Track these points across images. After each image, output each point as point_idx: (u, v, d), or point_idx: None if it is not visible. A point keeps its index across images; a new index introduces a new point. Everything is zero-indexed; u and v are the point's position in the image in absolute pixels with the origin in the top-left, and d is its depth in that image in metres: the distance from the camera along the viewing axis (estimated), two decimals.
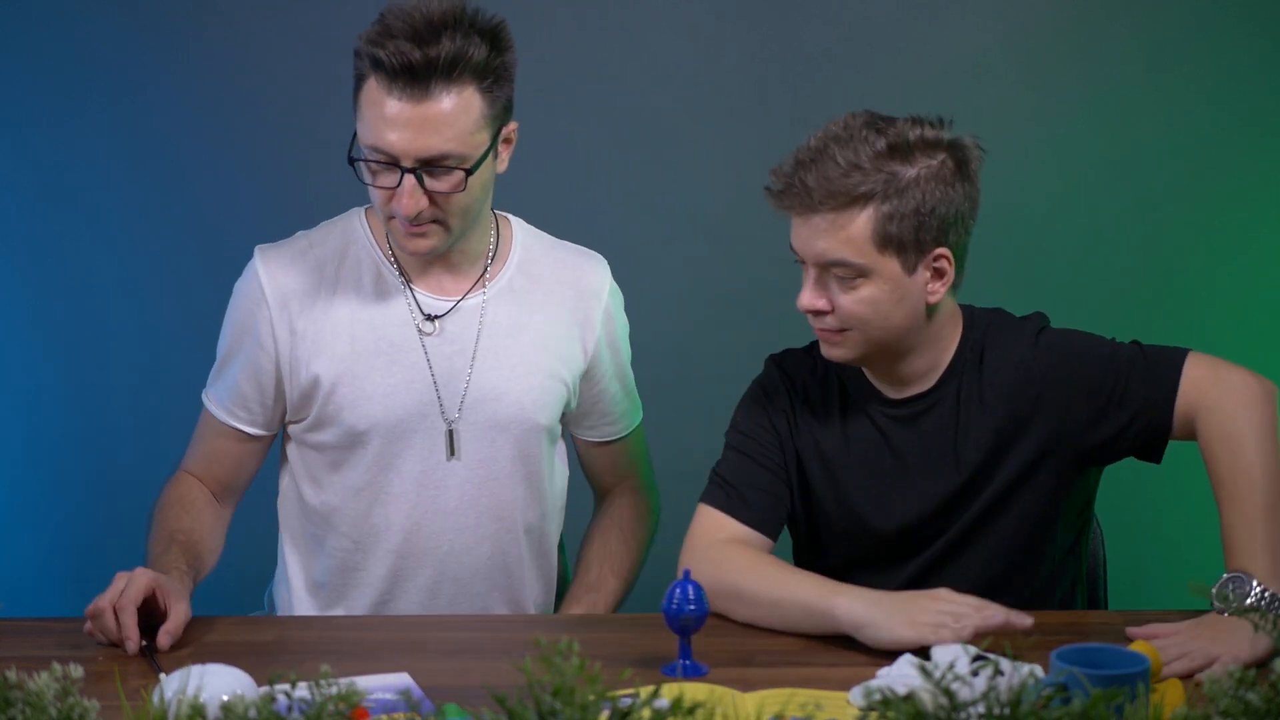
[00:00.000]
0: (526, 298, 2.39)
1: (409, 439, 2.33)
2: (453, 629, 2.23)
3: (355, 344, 2.32)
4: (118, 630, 2.05)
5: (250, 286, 2.36)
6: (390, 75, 2.15)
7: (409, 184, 2.19)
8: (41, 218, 3.39)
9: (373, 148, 2.20)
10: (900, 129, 2.12)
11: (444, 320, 2.34)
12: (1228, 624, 1.97)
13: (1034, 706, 1.42)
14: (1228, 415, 2.13)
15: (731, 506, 2.24)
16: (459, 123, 2.19)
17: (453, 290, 2.36)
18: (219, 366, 2.40)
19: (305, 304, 2.33)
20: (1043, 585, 2.29)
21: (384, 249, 2.36)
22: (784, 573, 2.16)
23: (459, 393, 2.34)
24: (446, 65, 2.15)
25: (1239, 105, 3.32)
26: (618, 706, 1.40)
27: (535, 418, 2.37)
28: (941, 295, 2.17)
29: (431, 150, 2.18)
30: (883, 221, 2.10)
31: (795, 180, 2.11)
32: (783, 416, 2.29)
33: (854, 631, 2.03)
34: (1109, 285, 3.37)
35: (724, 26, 3.35)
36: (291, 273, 2.34)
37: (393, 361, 2.32)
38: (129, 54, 3.34)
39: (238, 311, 2.38)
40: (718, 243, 3.39)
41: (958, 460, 2.23)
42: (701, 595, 1.96)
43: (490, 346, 2.35)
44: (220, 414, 2.38)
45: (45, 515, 3.47)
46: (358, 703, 1.47)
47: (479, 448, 2.35)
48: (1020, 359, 2.23)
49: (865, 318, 2.14)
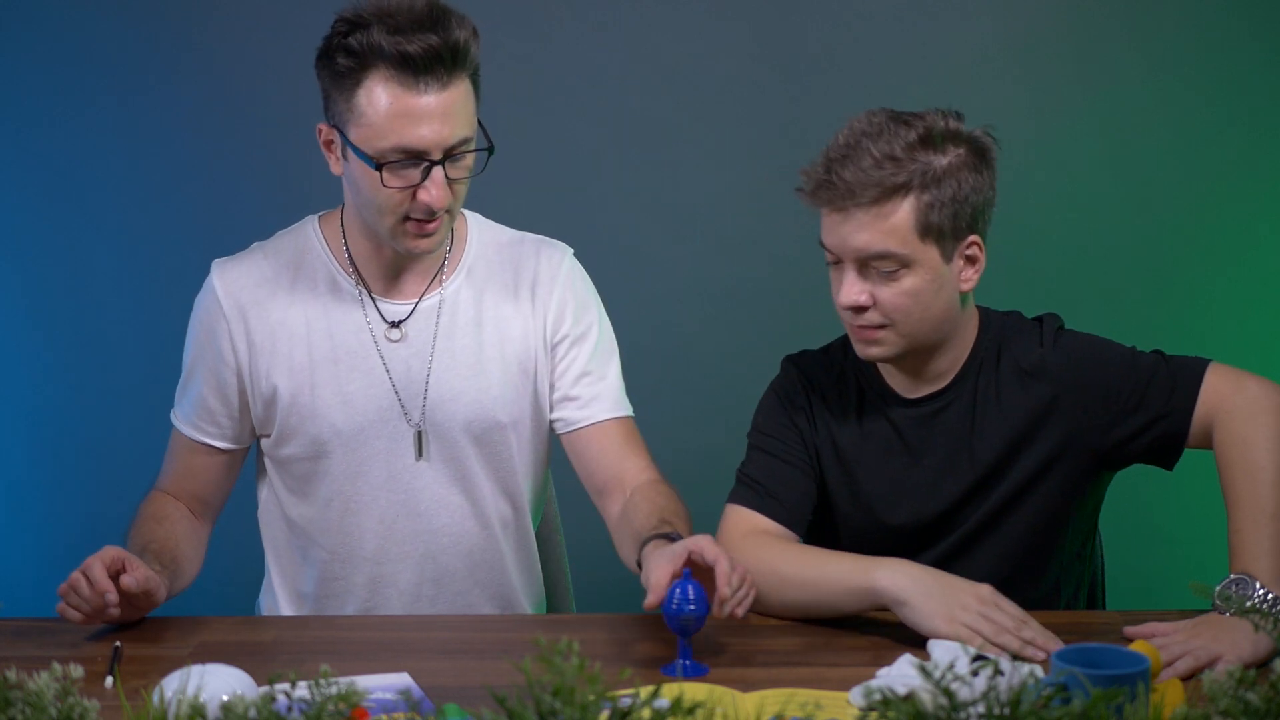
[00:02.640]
0: (482, 293, 2.37)
1: (372, 445, 2.33)
2: (453, 629, 2.23)
3: (312, 353, 2.32)
4: (91, 591, 2.05)
5: (208, 300, 2.36)
6: (416, 68, 2.13)
7: (439, 175, 2.18)
8: (41, 217, 3.39)
9: (397, 148, 2.16)
10: (929, 120, 2.14)
11: (405, 325, 2.34)
12: (1228, 623, 1.97)
13: (1034, 706, 1.42)
14: (1243, 420, 2.14)
15: (762, 504, 2.24)
16: (470, 106, 2.20)
17: (410, 293, 2.35)
18: (184, 383, 2.40)
19: (261, 315, 2.33)
20: (1050, 588, 2.30)
21: (339, 257, 2.35)
22: (822, 554, 2.18)
23: (418, 395, 2.33)
24: (463, 51, 2.16)
25: (1239, 105, 3.32)
26: (618, 706, 1.40)
27: (496, 415, 2.35)
28: (975, 282, 2.19)
29: (457, 136, 2.18)
30: (924, 211, 2.11)
31: (833, 176, 2.11)
32: (803, 415, 2.30)
33: (894, 606, 2.04)
34: (1108, 285, 3.37)
35: (724, 26, 3.35)
36: (247, 284, 2.34)
37: (350, 369, 2.32)
38: (129, 53, 3.34)
39: (198, 327, 2.38)
40: (718, 242, 3.39)
41: (972, 458, 2.23)
42: (702, 595, 1.96)
43: (447, 347, 2.34)
44: (188, 430, 2.39)
45: (45, 515, 3.47)
46: (358, 703, 1.47)
47: (443, 448, 2.35)
48: (1038, 359, 2.23)
49: (908, 309, 2.15)
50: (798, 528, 2.26)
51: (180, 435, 2.40)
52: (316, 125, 2.24)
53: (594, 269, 2.50)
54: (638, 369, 2.54)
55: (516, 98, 3.26)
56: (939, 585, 2.03)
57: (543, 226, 2.50)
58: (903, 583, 2.04)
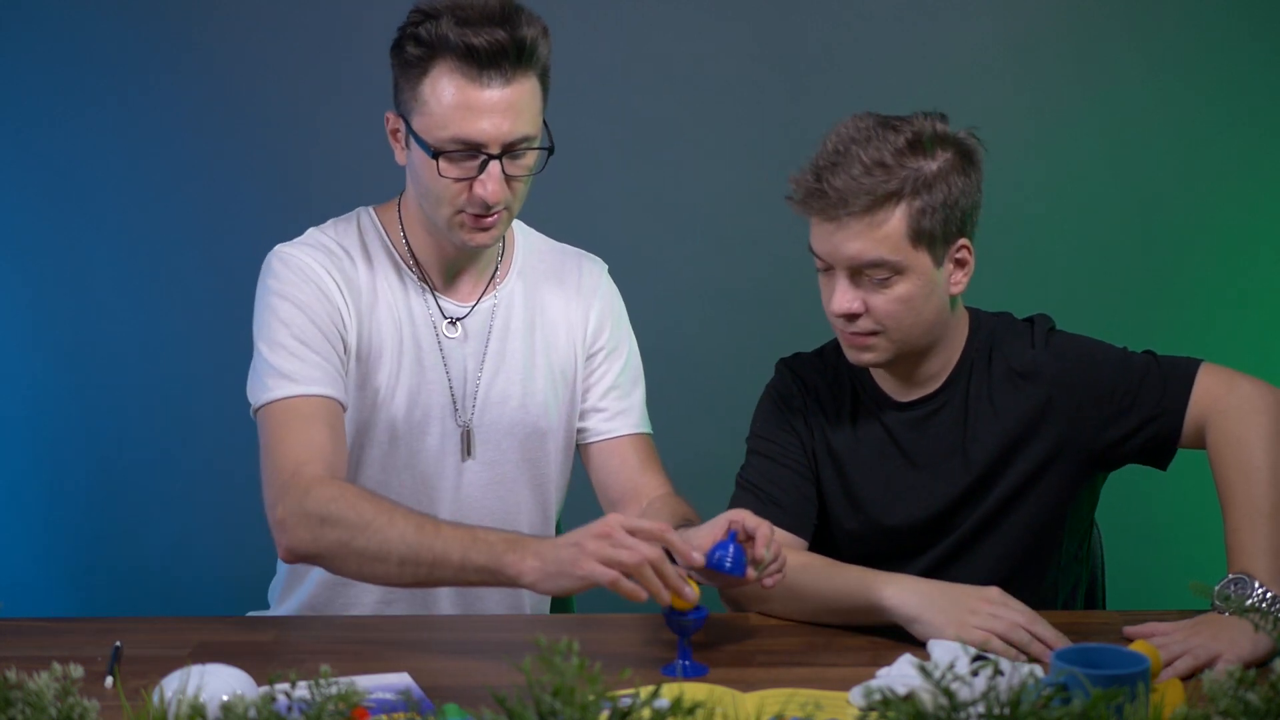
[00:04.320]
0: (531, 300, 2.39)
1: (422, 439, 2.33)
2: (453, 629, 2.23)
3: (395, 337, 2.30)
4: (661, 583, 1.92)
5: (303, 263, 2.25)
6: (481, 61, 2.14)
7: (497, 170, 2.18)
8: (41, 217, 3.39)
9: (456, 139, 2.17)
10: (917, 125, 2.13)
11: (464, 323, 2.34)
12: (1227, 623, 1.97)
13: (1034, 706, 1.42)
14: (1237, 420, 2.14)
15: (763, 510, 2.24)
16: (535, 105, 2.20)
17: (466, 293, 2.36)
18: (287, 350, 2.20)
19: (354, 287, 2.28)
20: (1047, 590, 2.30)
21: (399, 248, 2.34)
22: (829, 566, 2.17)
23: (471, 394, 2.34)
24: (530, 48, 2.17)
25: (1239, 105, 3.32)
26: (618, 706, 1.40)
27: (538, 421, 2.36)
28: (964, 285, 2.19)
29: (518, 133, 2.18)
30: (916, 217, 2.10)
31: (823, 185, 2.11)
32: (799, 418, 2.30)
33: (904, 624, 2.04)
34: (1107, 285, 3.37)
35: (724, 26, 3.35)
36: (330, 254, 2.29)
37: (416, 360, 2.31)
38: (129, 53, 3.34)
39: (294, 288, 2.23)
40: (718, 243, 3.40)
41: (967, 460, 2.23)
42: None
43: (499, 349, 2.35)
44: (316, 389, 2.18)
45: (45, 515, 3.47)
46: (358, 703, 1.48)
47: (485, 450, 2.35)
48: (1030, 361, 2.23)
49: (900, 316, 2.15)
50: (802, 532, 2.26)
51: (300, 406, 2.17)
52: (385, 114, 2.26)
53: None
54: None
55: None
56: (946, 597, 2.03)
57: (543, 226, 2.51)
58: (910, 599, 2.04)
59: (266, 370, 2.21)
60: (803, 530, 2.26)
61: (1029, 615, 2.00)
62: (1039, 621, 2.00)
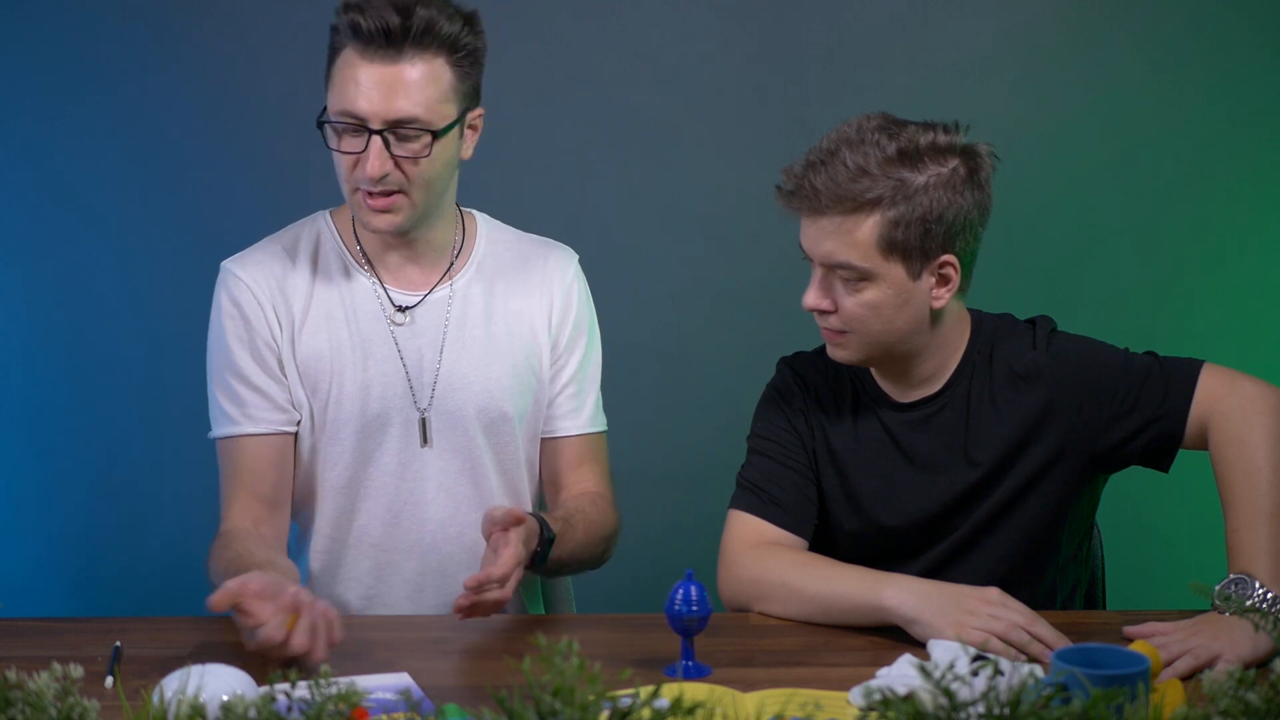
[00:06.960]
0: (492, 289, 2.40)
1: (386, 431, 2.36)
2: (453, 629, 2.23)
3: (335, 339, 2.35)
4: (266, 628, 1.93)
5: (236, 290, 2.35)
6: (366, 39, 2.19)
7: (376, 145, 2.21)
8: (41, 217, 3.39)
9: (342, 113, 2.22)
10: (912, 134, 2.12)
11: (414, 311, 2.36)
12: (1228, 623, 1.97)
13: (1034, 706, 1.42)
14: (1239, 420, 2.14)
15: (764, 510, 2.24)
16: (428, 89, 2.22)
17: (419, 284, 2.38)
18: (226, 388, 2.34)
19: (291, 297, 2.35)
20: (1046, 591, 2.30)
21: (350, 245, 2.38)
22: (830, 567, 2.17)
23: (429, 383, 2.36)
24: (420, 31, 2.20)
25: (1239, 105, 3.32)
26: (618, 706, 1.40)
27: (503, 406, 2.38)
28: (946, 301, 2.17)
29: (400, 113, 2.21)
30: (889, 227, 2.10)
31: (805, 182, 2.12)
32: (800, 416, 2.31)
33: (904, 625, 2.04)
34: (1108, 286, 3.37)
35: (724, 26, 3.35)
36: (272, 270, 2.36)
37: (367, 356, 2.35)
38: (128, 53, 3.34)
39: (229, 320, 2.35)
40: (718, 243, 3.40)
41: (968, 461, 2.23)
42: (704, 596, 1.96)
43: (458, 336, 2.37)
44: (251, 428, 2.33)
45: (45, 515, 3.47)
46: (358, 703, 1.48)
47: (451, 436, 2.37)
48: (1031, 362, 2.23)
49: (866, 320, 2.15)
50: (803, 531, 2.26)
51: (241, 441, 2.34)
52: None
53: (593, 269, 2.50)
54: (637, 369, 2.55)
55: (517, 97, 3.26)
56: (946, 598, 2.03)
57: (542, 226, 2.51)
58: (910, 600, 2.04)
59: (212, 404, 2.37)
60: (803, 530, 2.26)
61: (1029, 615, 2.00)
62: (1039, 622, 2.00)
